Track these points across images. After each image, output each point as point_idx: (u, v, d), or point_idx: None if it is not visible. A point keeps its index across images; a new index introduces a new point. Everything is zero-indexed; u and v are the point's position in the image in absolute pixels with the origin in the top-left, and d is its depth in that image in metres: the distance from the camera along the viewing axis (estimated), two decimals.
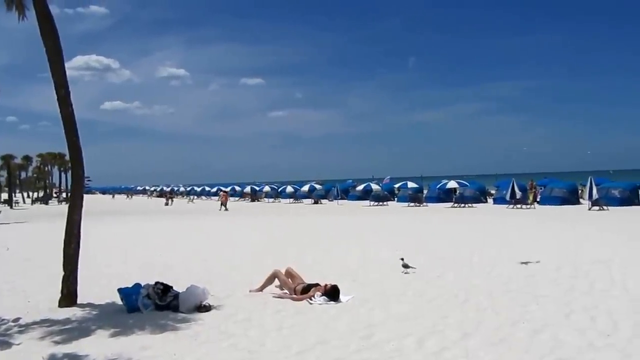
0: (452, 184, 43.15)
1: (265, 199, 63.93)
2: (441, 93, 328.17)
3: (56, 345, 6.57)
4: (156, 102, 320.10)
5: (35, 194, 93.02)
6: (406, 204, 42.93)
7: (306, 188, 59.01)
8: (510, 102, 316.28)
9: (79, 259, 8.88)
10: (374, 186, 51.28)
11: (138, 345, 6.48)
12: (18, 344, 6.66)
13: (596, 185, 32.22)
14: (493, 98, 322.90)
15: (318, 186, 60.75)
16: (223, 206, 43.88)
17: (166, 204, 56.85)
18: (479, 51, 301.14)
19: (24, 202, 77.54)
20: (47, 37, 8.69)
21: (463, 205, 38.82)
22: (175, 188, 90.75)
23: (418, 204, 42.04)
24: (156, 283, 8.41)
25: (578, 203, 37.27)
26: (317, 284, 8.92)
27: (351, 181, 71.46)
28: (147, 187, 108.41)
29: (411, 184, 49.12)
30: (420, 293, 9.07)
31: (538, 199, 38.98)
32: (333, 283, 8.89)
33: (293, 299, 8.74)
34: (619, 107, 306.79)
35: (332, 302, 8.41)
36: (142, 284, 8.46)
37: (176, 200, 68.64)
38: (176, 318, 7.72)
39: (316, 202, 52.85)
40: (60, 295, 8.64)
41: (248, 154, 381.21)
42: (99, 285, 10.17)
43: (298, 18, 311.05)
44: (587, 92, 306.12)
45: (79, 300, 8.74)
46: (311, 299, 8.53)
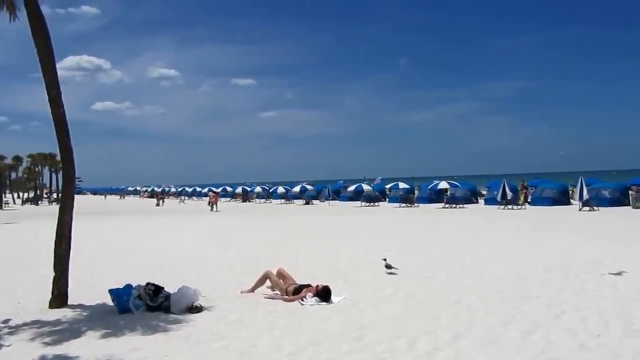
0: (444, 185, 43.31)
1: (256, 200, 63.89)
2: (432, 94, 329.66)
3: (46, 346, 6.53)
4: (147, 103, 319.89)
5: (25, 195, 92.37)
6: (397, 205, 42.98)
7: (297, 189, 59.03)
8: (500, 103, 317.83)
9: (70, 260, 8.83)
10: (365, 187, 51.31)
11: (129, 346, 6.45)
12: (8, 346, 6.61)
13: (587, 185, 32.40)
14: (484, 99, 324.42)
15: (309, 187, 60.77)
16: (214, 206, 43.77)
17: (157, 205, 56.84)
18: (470, 52, 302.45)
19: (14, 203, 77.05)
20: (39, 38, 8.64)
21: (454, 205, 38.93)
22: (166, 189, 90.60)
23: (409, 205, 42.11)
24: (147, 284, 8.37)
25: (569, 204, 37.45)
26: (309, 285, 8.92)
27: (342, 182, 71.50)
28: (139, 188, 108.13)
29: (402, 185, 49.23)
30: (411, 294, 9.08)
31: (529, 200, 39.16)
32: (324, 284, 8.89)
33: (284, 300, 8.73)
34: (604, 109, 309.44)
35: (324, 303, 8.41)
36: (134, 285, 8.42)
37: (167, 200, 68.61)
38: (167, 319, 7.69)
39: (307, 203, 52.85)
40: (50, 296, 8.58)
41: (239, 155, 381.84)
42: (90, 286, 10.11)
43: (289, 19, 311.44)
44: (576, 94, 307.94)
45: (70, 301, 8.68)
46: (303, 300, 8.52)
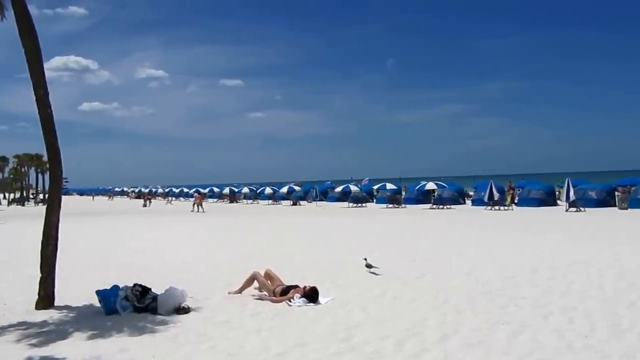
0: (431, 186, 43.44)
1: (244, 200, 63.86)
2: (420, 95, 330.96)
3: (33, 348, 6.48)
4: (135, 104, 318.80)
5: (11, 195, 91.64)
6: (385, 206, 43.07)
7: (285, 189, 59.06)
8: (488, 104, 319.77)
9: (57, 261, 8.77)
10: (353, 187, 51.38)
11: (116, 347, 6.42)
12: None
13: (573, 186, 32.68)
14: (471, 100, 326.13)
15: (297, 187, 60.89)
16: (199, 207, 43.62)
17: (144, 206, 56.73)
18: (458, 54, 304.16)
19: (0, 204, 76.45)
20: (26, 38, 8.58)
21: (441, 206, 39.09)
22: (153, 189, 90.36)
23: (397, 206, 42.24)
24: (134, 285, 8.34)
25: (555, 204, 37.75)
26: (297, 286, 8.92)
27: (330, 183, 71.52)
28: (126, 189, 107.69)
29: (390, 186, 49.24)
30: (399, 294, 9.10)
31: (516, 201, 39.43)
32: (312, 285, 8.89)
33: (272, 301, 8.71)
34: (592, 110, 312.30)
35: (312, 304, 8.41)
36: (121, 286, 8.39)
37: (154, 201, 68.46)
38: (155, 320, 7.66)
39: (295, 204, 52.89)
40: (37, 297, 8.52)
41: (228, 156, 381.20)
42: (77, 287, 10.03)
43: (278, 19, 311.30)
44: (564, 95, 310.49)
45: (56, 302, 8.62)
46: (290, 301, 8.51)
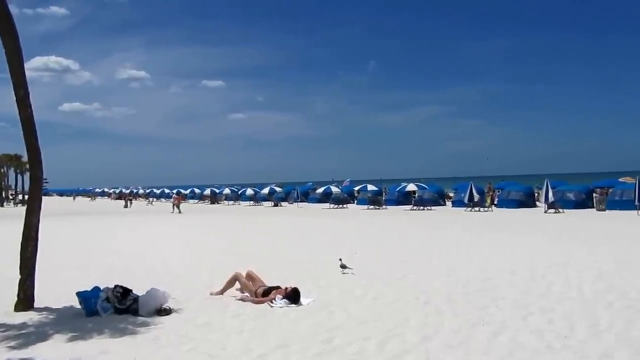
0: (412, 187, 43.76)
1: (225, 202, 63.64)
2: (401, 97, 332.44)
3: (12, 350, 6.40)
4: (116, 104, 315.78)
5: None
6: (366, 207, 43.23)
7: (266, 190, 59.05)
8: (468, 106, 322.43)
9: (37, 262, 8.68)
10: (334, 189, 51.52)
11: (97, 349, 6.37)
12: None
13: (552, 188, 33.10)
14: (452, 102, 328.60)
15: (278, 189, 60.95)
16: (176, 208, 43.38)
17: (125, 206, 56.33)
18: (438, 56, 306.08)
19: None
20: (6, 37, 8.49)
21: (422, 207, 39.35)
22: (134, 190, 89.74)
23: (377, 207, 42.40)
24: (115, 286, 8.28)
25: (534, 206, 38.22)
26: (278, 287, 8.93)
27: (311, 184, 71.60)
28: (106, 189, 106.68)
29: (371, 187, 49.54)
30: (380, 295, 9.14)
31: (495, 202, 39.79)
32: (293, 285, 8.90)
33: (254, 302, 8.71)
34: (570, 113, 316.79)
35: (293, 305, 8.42)
36: (101, 288, 8.32)
37: (135, 202, 68.01)
38: (136, 322, 7.61)
39: (276, 205, 52.88)
40: (16, 299, 8.43)
41: (209, 157, 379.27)
42: (57, 288, 9.93)
43: (259, 21, 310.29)
44: (543, 98, 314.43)
45: (36, 304, 8.53)
46: (272, 302, 8.51)
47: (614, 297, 8.67)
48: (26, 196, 13.23)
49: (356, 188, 54.73)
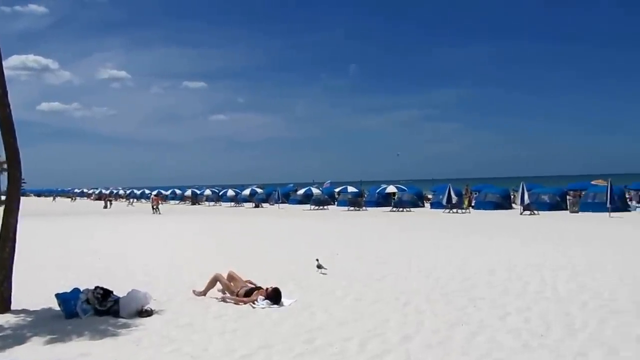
0: (391, 189, 43.96)
1: (206, 203, 63.34)
2: (381, 100, 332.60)
3: None
4: (96, 104, 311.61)
5: None
6: (346, 208, 43.38)
7: (247, 192, 58.93)
8: (446, 110, 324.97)
9: (14, 264, 8.58)
10: (315, 190, 51.53)
11: (77, 351, 6.32)
12: None
13: (527, 190, 33.59)
14: (430, 105, 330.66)
15: (259, 190, 60.73)
16: (155, 209, 43.08)
17: (105, 207, 55.76)
18: (417, 60, 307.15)
19: None
20: None
21: (401, 209, 39.60)
22: (114, 191, 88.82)
23: (358, 208, 42.56)
24: (96, 288, 8.22)
25: (510, 208, 38.76)
26: (259, 287, 8.96)
27: (292, 185, 71.50)
28: (86, 190, 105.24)
29: (351, 189, 49.74)
30: (360, 296, 9.22)
31: (473, 204, 40.22)
32: (274, 285, 8.94)
33: (236, 302, 8.73)
34: (544, 117, 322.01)
35: (275, 306, 8.46)
36: (81, 289, 8.26)
37: (116, 203, 67.38)
38: (116, 323, 7.58)
39: (257, 206, 52.85)
40: None
41: (191, 158, 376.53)
42: (35, 290, 9.82)
43: (241, 22, 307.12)
44: (517, 103, 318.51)
45: (13, 306, 8.43)
46: (254, 303, 8.54)
47: (588, 297, 8.86)
48: (3, 197, 13.01)
49: (337, 190, 54.86)
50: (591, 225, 24.94)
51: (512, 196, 41.23)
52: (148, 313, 7.97)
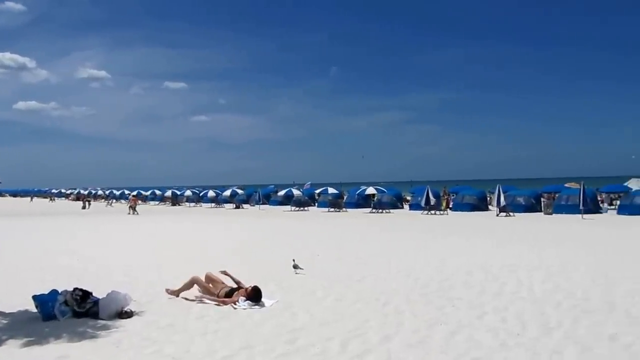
0: (371, 190, 44.22)
1: (186, 203, 62.99)
2: (362, 102, 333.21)
3: None
4: (75, 104, 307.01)
5: None
6: (326, 209, 43.48)
7: (228, 193, 58.94)
8: (425, 112, 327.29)
9: None
10: (295, 191, 51.60)
11: (55, 354, 6.24)
12: None
13: (503, 193, 34.10)
14: (410, 108, 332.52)
15: (240, 191, 60.75)
16: (132, 210, 42.74)
17: (83, 207, 55.09)
18: (397, 63, 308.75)
19: None
20: None
21: (381, 210, 39.81)
22: (92, 191, 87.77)
23: (338, 210, 42.68)
24: (74, 289, 8.12)
25: (487, 209, 39.26)
26: (240, 287, 8.97)
27: (273, 186, 71.48)
28: (63, 190, 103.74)
29: (331, 190, 49.94)
30: (341, 297, 9.28)
31: (451, 206, 40.64)
32: (254, 284, 8.95)
33: (216, 303, 8.71)
34: (521, 119, 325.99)
35: (257, 306, 8.48)
36: (60, 291, 8.14)
37: (95, 203, 66.62)
38: (96, 325, 7.50)
39: (238, 207, 52.75)
40: None
41: (172, 159, 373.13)
42: (10, 292, 9.71)
43: (223, 23, 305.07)
44: (495, 105, 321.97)
45: None
46: (235, 304, 8.55)
47: (562, 297, 9.06)
48: None
49: (317, 191, 55.02)
50: (564, 226, 25.41)
51: (489, 198, 41.73)
52: (128, 314, 7.91)
